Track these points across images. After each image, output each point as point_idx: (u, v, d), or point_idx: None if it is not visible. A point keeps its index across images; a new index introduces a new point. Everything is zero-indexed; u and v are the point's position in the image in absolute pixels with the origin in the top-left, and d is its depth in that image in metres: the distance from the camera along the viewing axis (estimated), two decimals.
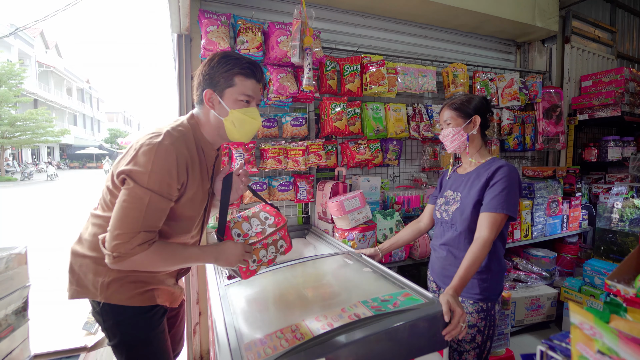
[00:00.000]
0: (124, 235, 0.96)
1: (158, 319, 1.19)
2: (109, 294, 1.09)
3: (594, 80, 3.40)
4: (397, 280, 1.34)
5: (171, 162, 1.02)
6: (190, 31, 2.07)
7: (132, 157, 1.02)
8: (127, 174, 0.99)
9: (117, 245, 0.96)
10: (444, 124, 1.56)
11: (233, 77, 1.12)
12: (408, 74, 2.59)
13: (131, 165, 1.00)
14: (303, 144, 2.24)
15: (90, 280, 1.10)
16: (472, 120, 1.49)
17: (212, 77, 1.12)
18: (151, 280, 1.15)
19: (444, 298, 1.12)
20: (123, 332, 1.13)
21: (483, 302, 1.40)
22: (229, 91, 1.13)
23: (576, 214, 2.99)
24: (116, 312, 1.11)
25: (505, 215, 1.32)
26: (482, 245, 1.26)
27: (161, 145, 1.01)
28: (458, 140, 1.51)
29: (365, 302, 1.16)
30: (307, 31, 1.77)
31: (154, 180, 0.99)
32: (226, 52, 1.16)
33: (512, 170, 1.38)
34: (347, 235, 1.99)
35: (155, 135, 1.05)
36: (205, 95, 1.13)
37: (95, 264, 1.10)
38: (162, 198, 1.02)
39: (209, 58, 1.16)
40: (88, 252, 1.11)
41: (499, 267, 1.44)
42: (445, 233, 1.51)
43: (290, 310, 1.22)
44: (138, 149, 1.02)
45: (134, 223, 0.97)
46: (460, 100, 1.52)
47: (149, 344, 1.16)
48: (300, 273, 1.57)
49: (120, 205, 0.98)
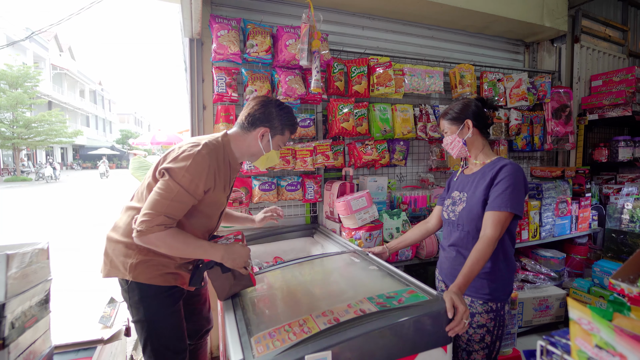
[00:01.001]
0: (149, 214, 1.16)
1: (176, 299, 1.39)
2: (136, 273, 1.29)
3: (605, 79, 3.37)
4: (402, 278, 1.36)
5: (203, 168, 1.25)
6: (201, 35, 2.13)
7: (174, 158, 1.25)
8: (167, 170, 1.22)
9: (142, 222, 1.16)
10: (444, 134, 1.61)
11: (286, 129, 1.45)
12: (415, 75, 2.61)
13: (172, 164, 1.23)
14: (311, 144, 2.28)
15: (121, 262, 1.30)
16: (465, 124, 1.51)
17: (271, 120, 1.40)
18: (171, 265, 1.35)
19: (448, 295, 1.14)
20: (146, 307, 1.33)
21: (492, 302, 1.42)
22: (278, 137, 1.44)
23: (585, 215, 2.97)
24: (141, 289, 1.32)
25: (510, 214, 1.33)
26: (486, 243, 1.28)
27: (199, 153, 1.24)
28: (457, 147, 1.54)
29: (371, 299, 1.19)
30: (315, 34, 1.81)
31: (185, 179, 1.21)
32: (287, 106, 1.46)
33: (516, 168, 1.39)
34: (354, 234, 2.02)
35: (195, 144, 1.28)
36: (260, 130, 1.39)
37: (126, 248, 1.31)
38: (187, 194, 1.22)
39: (271, 101, 1.43)
40: (121, 238, 1.32)
41: (508, 267, 1.45)
42: (452, 233, 1.53)
43: (298, 306, 1.26)
44: (180, 153, 1.25)
45: (159, 207, 1.18)
46: (450, 108, 1.56)
47: (167, 319, 1.36)
48: (308, 270, 1.61)
49: (154, 192, 1.20)
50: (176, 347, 1.40)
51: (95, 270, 1.48)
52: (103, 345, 1.59)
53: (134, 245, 1.28)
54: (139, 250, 1.30)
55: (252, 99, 1.45)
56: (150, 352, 1.36)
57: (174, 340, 1.39)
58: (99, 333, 1.63)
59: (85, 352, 1.52)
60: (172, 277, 1.36)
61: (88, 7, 9.85)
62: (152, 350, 1.35)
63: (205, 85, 2.19)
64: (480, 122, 1.52)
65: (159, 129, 13.78)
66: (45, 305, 1.29)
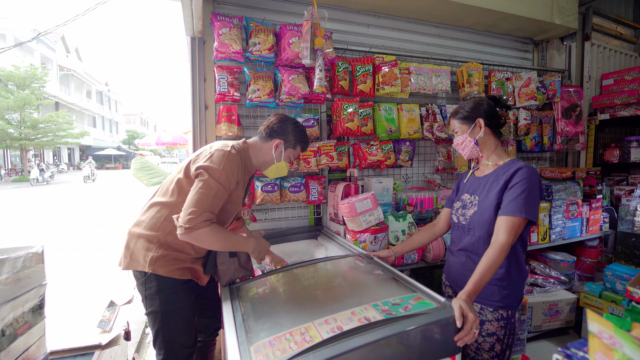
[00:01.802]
0: (195, 212, 1.25)
1: (190, 292, 1.48)
2: (155, 266, 1.37)
3: (616, 78, 3.28)
4: (408, 283, 1.31)
5: (235, 166, 1.38)
6: (203, 34, 2.10)
7: (208, 157, 1.36)
8: (205, 169, 1.32)
9: (189, 219, 1.24)
10: (454, 133, 1.54)
11: (298, 145, 1.61)
12: (421, 73, 2.55)
13: (208, 163, 1.34)
14: (315, 145, 2.24)
15: (142, 255, 1.38)
16: (476, 123, 1.45)
17: (287, 135, 1.57)
18: (187, 259, 1.45)
19: (457, 303, 1.09)
20: (162, 298, 1.40)
21: (503, 309, 1.36)
22: (290, 150, 1.60)
23: (597, 217, 2.89)
24: (159, 281, 1.39)
25: (524, 220, 1.27)
26: (498, 250, 1.23)
27: (230, 153, 1.38)
28: (468, 147, 1.48)
29: (376, 305, 1.14)
30: (318, 32, 1.76)
31: (223, 177, 1.33)
32: (302, 125, 1.63)
33: (532, 172, 1.33)
34: (358, 237, 1.97)
35: (225, 145, 1.42)
36: (275, 142, 1.55)
37: (148, 242, 1.39)
38: (224, 190, 1.35)
39: (289, 119, 1.60)
40: (144, 231, 1.40)
41: (519, 273, 1.39)
42: (462, 238, 1.48)
43: (300, 312, 1.21)
44: (213, 152, 1.37)
45: (204, 204, 1.27)
46: (461, 107, 1.51)
47: (180, 312, 1.44)
48: (311, 274, 1.56)
49: (196, 191, 1.29)
50: (186, 340, 1.48)
51: (96, 271, 1.46)
52: (101, 350, 1.55)
53: (155, 239, 1.39)
54: (159, 245, 1.39)
55: (274, 115, 1.62)
56: (161, 344, 1.44)
57: (185, 333, 1.47)
58: (97, 338, 1.60)
59: (82, 358, 1.49)
60: (188, 271, 1.46)
61: (93, 7, 9.91)
62: (164, 341, 1.43)
63: (207, 84, 2.15)
64: (492, 121, 1.46)
65: (164, 129, 13.83)
66: (40, 311, 1.26)
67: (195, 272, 1.50)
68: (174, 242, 1.40)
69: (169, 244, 1.40)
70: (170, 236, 1.40)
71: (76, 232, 6.74)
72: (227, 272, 1.47)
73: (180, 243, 1.40)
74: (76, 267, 4.48)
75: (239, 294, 1.41)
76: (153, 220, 1.41)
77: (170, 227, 1.39)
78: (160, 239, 1.39)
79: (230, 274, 1.48)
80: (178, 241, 1.38)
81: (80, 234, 6.58)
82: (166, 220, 1.40)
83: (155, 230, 1.40)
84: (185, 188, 1.40)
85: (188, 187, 1.38)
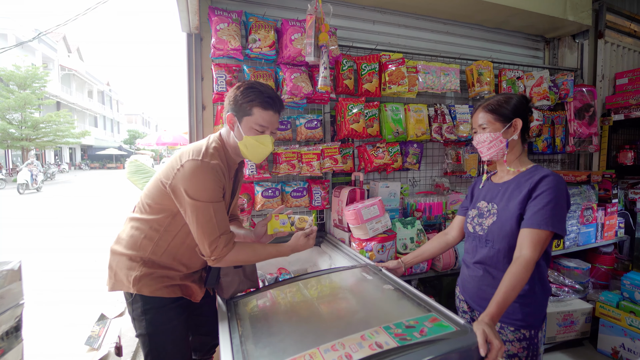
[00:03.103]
0: (212, 242, 1.18)
1: (181, 311, 1.35)
2: (140, 286, 1.25)
3: (631, 77, 3.16)
4: (422, 301, 1.20)
5: (215, 174, 1.20)
6: (200, 30, 1.98)
7: (183, 177, 1.17)
8: (186, 192, 1.16)
9: (212, 251, 1.19)
10: (478, 128, 1.37)
11: (252, 108, 1.25)
12: (429, 72, 2.43)
13: (185, 184, 1.17)
14: (318, 147, 2.12)
15: (124, 275, 1.27)
16: (512, 124, 1.31)
17: (236, 103, 1.26)
18: (176, 277, 1.32)
19: (479, 327, 0.97)
20: (148, 320, 1.28)
21: (525, 329, 1.24)
22: (246, 119, 1.27)
23: (612, 222, 2.77)
24: (145, 302, 1.28)
25: (550, 233, 1.16)
26: (523, 266, 1.11)
27: (203, 163, 1.18)
28: (496, 147, 1.33)
29: (388, 328, 1.03)
30: (323, 27, 1.65)
31: (210, 194, 1.18)
32: (252, 83, 1.29)
33: (559, 180, 1.21)
34: (364, 245, 1.86)
35: (195, 152, 1.21)
36: (228, 118, 1.29)
37: (130, 261, 1.27)
38: (220, 203, 1.22)
39: (237, 85, 1.29)
40: (125, 250, 1.28)
41: (543, 289, 1.28)
42: (479, 249, 1.36)
43: (304, 334, 1.10)
44: (184, 166, 1.18)
45: (213, 231, 1.18)
46: (497, 101, 1.33)
47: (169, 334, 1.32)
48: (315, 288, 1.45)
49: (195, 221, 1.17)
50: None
51: (89, 270, 1.35)
52: None
53: (137, 257, 1.27)
54: (143, 263, 1.27)
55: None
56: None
57: (176, 355, 1.36)
58: (85, 357, 1.48)
59: None
60: (178, 289, 1.34)
61: (94, 7, 9.84)
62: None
63: (204, 83, 2.04)
64: (525, 125, 1.33)
65: (165, 129, 13.74)
66: (16, 333, 1.15)
67: (187, 289, 1.37)
68: (159, 260, 1.29)
69: (154, 262, 1.28)
70: (154, 255, 1.28)
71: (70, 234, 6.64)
72: (231, 284, 1.38)
73: (167, 260, 1.30)
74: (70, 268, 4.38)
75: (237, 310, 1.30)
76: (132, 239, 1.29)
77: (151, 246, 1.27)
78: (144, 257, 1.27)
79: (234, 287, 1.38)
80: (164, 258, 1.28)
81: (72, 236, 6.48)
82: (146, 239, 1.27)
83: (136, 250, 1.28)
84: (152, 204, 1.27)
85: (155, 203, 1.26)
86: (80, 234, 6.62)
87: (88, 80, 29.97)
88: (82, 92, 29.21)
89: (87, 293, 3.53)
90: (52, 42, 24.04)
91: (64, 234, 6.63)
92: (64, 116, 20.25)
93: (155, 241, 1.27)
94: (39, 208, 9.93)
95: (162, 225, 1.27)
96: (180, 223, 1.26)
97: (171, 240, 1.28)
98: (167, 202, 1.24)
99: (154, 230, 1.27)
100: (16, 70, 17.82)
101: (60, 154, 27.36)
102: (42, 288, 3.86)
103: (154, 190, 1.27)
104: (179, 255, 1.31)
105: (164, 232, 1.27)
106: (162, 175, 1.24)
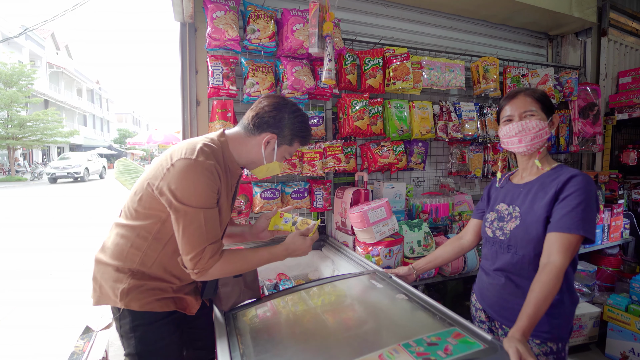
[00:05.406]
0: (196, 254, 1.05)
1: (174, 326, 1.23)
2: (128, 300, 1.13)
3: (634, 76, 3.11)
4: (441, 313, 1.09)
5: (209, 176, 1.07)
6: (194, 20, 1.85)
7: (173, 177, 1.04)
8: (174, 197, 1.03)
9: (194, 264, 1.05)
10: (522, 114, 1.22)
11: (295, 140, 1.24)
12: (434, 68, 2.34)
13: (175, 186, 1.04)
14: (320, 145, 2.01)
15: (111, 287, 1.14)
16: (552, 119, 1.24)
17: (281, 127, 1.19)
18: (169, 289, 1.19)
19: (512, 344, 0.87)
20: (138, 338, 1.16)
21: (553, 342, 1.15)
22: (285, 148, 1.24)
23: (617, 223, 2.72)
24: (134, 317, 1.15)
25: (580, 237, 1.06)
26: (554, 274, 1.01)
27: (197, 162, 1.05)
28: (539, 139, 1.21)
29: (408, 346, 0.92)
30: (327, 16, 1.54)
31: (202, 199, 1.05)
32: (303, 114, 1.25)
33: (588, 181, 1.11)
34: (370, 250, 1.75)
35: (190, 150, 1.07)
36: (266, 137, 1.19)
37: (116, 272, 1.14)
38: (212, 210, 1.09)
39: (287, 104, 1.21)
40: (110, 260, 1.15)
41: (571, 298, 1.18)
42: (499, 255, 1.25)
43: (314, 355, 0.99)
44: (174, 165, 1.05)
45: (199, 240, 1.05)
46: (542, 92, 1.25)
47: (161, 352, 1.20)
48: (321, 299, 1.34)
49: (182, 229, 1.05)
50: None
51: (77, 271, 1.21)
52: None
53: (125, 269, 1.14)
54: (131, 274, 1.14)
55: (265, 98, 1.23)
56: None
57: None
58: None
59: None
60: (172, 302, 1.21)
61: (83, 2, 9.59)
62: None
63: (199, 77, 1.91)
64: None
65: (156, 128, 13.50)
66: None
67: (182, 302, 1.24)
68: (149, 271, 1.15)
69: (144, 273, 1.15)
70: (142, 266, 1.14)
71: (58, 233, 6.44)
72: (230, 295, 1.27)
73: (158, 271, 1.16)
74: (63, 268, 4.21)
75: (236, 324, 1.18)
76: (118, 247, 1.15)
77: (139, 256, 1.13)
78: (132, 268, 1.14)
79: (234, 297, 1.27)
80: (155, 269, 1.15)
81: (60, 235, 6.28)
82: (133, 248, 1.13)
83: (122, 260, 1.14)
84: (139, 209, 1.14)
85: (142, 207, 1.13)
86: (67, 234, 6.41)
87: (77, 78, 29.33)
88: (71, 90, 28.59)
89: (69, 293, 3.39)
90: (39, 39, 23.47)
91: (51, 234, 6.42)
92: (52, 114, 19.75)
93: (143, 250, 1.13)
94: (25, 207, 9.67)
95: (150, 232, 1.13)
96: (170, 230, 1.12)
97: (161, 250, 1.15)
98: (155, 206, 1.10)
99: (141, 238, 1.13)
100: (2, 67, 17.34)
101: (48, 153, 26.74)
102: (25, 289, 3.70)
103: (141, 192, 1.13)
104: (170, 266, 1.17)
105: (153, 240, 1.13)
106: (150, 176, 1.11)
